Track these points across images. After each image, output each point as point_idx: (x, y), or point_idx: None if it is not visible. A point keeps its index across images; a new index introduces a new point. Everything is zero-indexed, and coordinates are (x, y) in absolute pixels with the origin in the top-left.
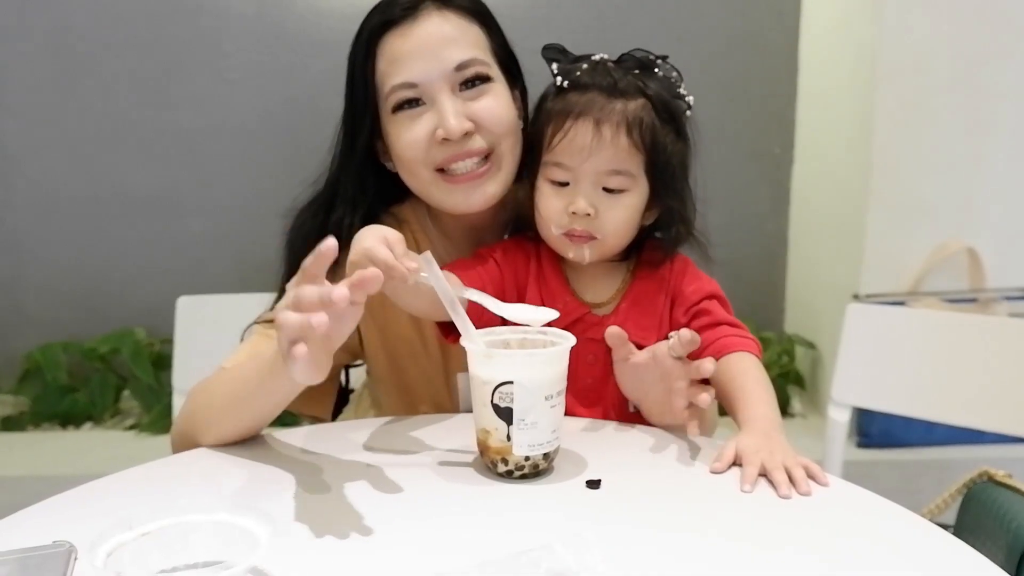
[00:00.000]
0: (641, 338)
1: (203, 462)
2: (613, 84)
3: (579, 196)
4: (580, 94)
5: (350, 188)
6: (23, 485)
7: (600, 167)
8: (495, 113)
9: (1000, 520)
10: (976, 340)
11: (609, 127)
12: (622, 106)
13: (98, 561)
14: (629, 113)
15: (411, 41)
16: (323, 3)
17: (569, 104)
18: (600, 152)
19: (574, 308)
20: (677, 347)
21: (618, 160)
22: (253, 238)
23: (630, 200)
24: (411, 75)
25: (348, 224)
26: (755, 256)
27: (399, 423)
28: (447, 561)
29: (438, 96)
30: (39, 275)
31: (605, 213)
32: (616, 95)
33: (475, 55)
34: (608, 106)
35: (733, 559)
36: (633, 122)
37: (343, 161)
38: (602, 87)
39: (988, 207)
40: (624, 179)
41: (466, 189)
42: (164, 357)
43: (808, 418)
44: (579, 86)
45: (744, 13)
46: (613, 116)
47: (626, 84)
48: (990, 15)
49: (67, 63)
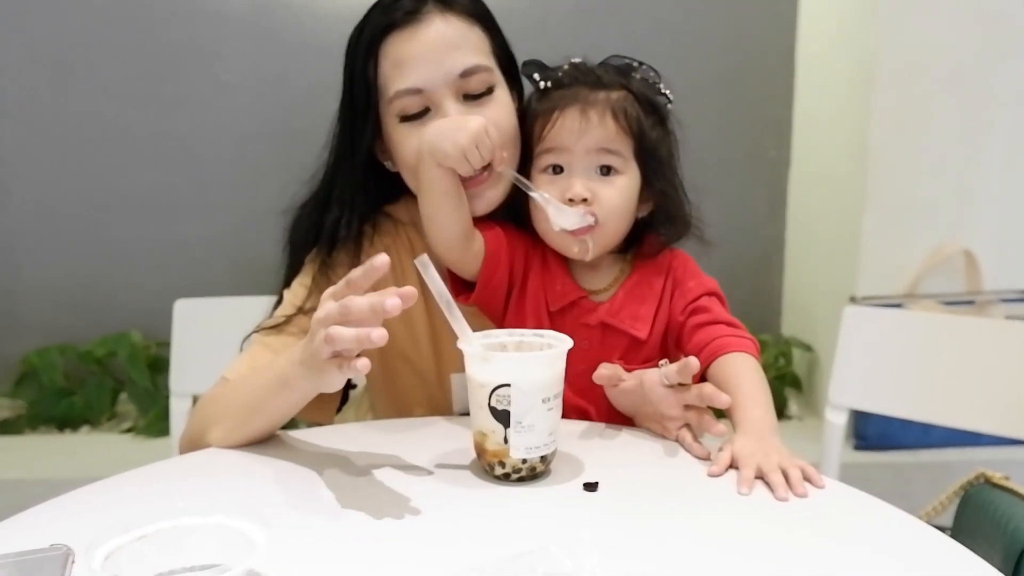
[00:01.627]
0: (634, 328)
1: (200, 465)
2: (597, 79)
3: (575, 180)
4: (565, 90)
5: (348, 189)
6: (20, 488)
7: (591, 145)
8: (500, 122)
9: (997, 522)
10: (973, 342)
11: (596, 111)
12: (605, 95)
13: (95, 564)
14: (613, 101)
15: (415, 45)
16: (319, 6)
17: (554, 100)
18: (589, 132)
19: (571, 291)
20: (672, 375)
21: (607, 139)
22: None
23: (624, 182)
24: (416, 80)
25: (345, 223)
26: (752, 259)
27: (396, 425)
28: (444, 564)
29: (443, 102)
30: (36, 278)
31: (601, 194)
32: (599, 87)
33: (479, 61)
34: (592, 95)
35: (730, 561)
36: (618, 109)
37: (341, 161)
38: (585, 81)
39: (984, 209)
40: (616, 158)
41: (469, 196)
42: (161, 360)
43: (805, 420)
44: (561, 84)
45: (741, 16)
46: (598, 103)
47: (608, 79)
48: (986, 18)
49: (63, 66)
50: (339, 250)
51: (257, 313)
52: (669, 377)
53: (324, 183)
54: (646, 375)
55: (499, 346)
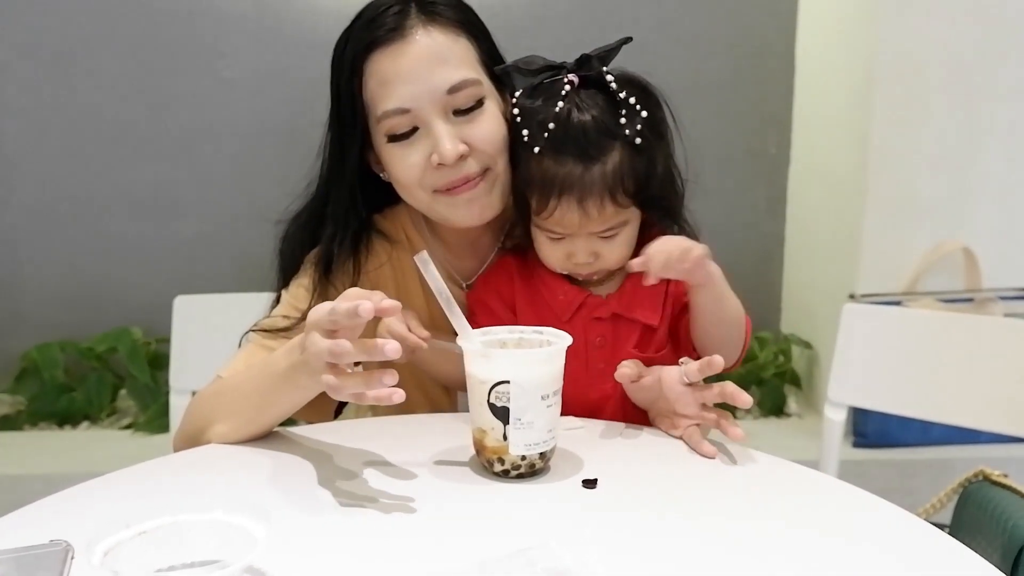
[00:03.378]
0: (645, 316)
1: (200, 461)
2: (584, 147)
3: (577, 250)
4: (556, 163)
5: (341, 205)
6: (20, 484)
7: (592, 230)
8: (488, 136)
9: (996, 520)
10: (972, 340)
11: (593, 202)
12: (600, 171)
13: (95, 560)
14: (608, 177)
15: (400, 63)
16: (320, 4)
17: (548, 176)
18: (588, 224)
19: (574, 296)
20: (693, 373)
21: (607, 221)
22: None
23: (627, 235)
24: (402, 101)
25: (339, 241)
26: (751, 256)
27: (395, 423)
28: (444, 560)
29: (431, 120)
30: (36, 274)
31: (605, 254)
32: (590, 160)
33: (466, 75)
34: (587, 176)
35: (729, 558)
36: (615, 185)
37: (333, 177)
38: (575, 152)
39: (984, 207)
40: (618, 228)
41: (467, 201)
42: (161, 356)
43: (804, 418)
44: (553, 150)
45: (741, 13)
46: (594, 188)
47: (596, 136)
48: (986, 16)
49: (64, 64)
50: (338, 265)
51: (257, 309)
52: (690, 375)
53: (317, 198)
54: (665, 371)
55: (499, 343)
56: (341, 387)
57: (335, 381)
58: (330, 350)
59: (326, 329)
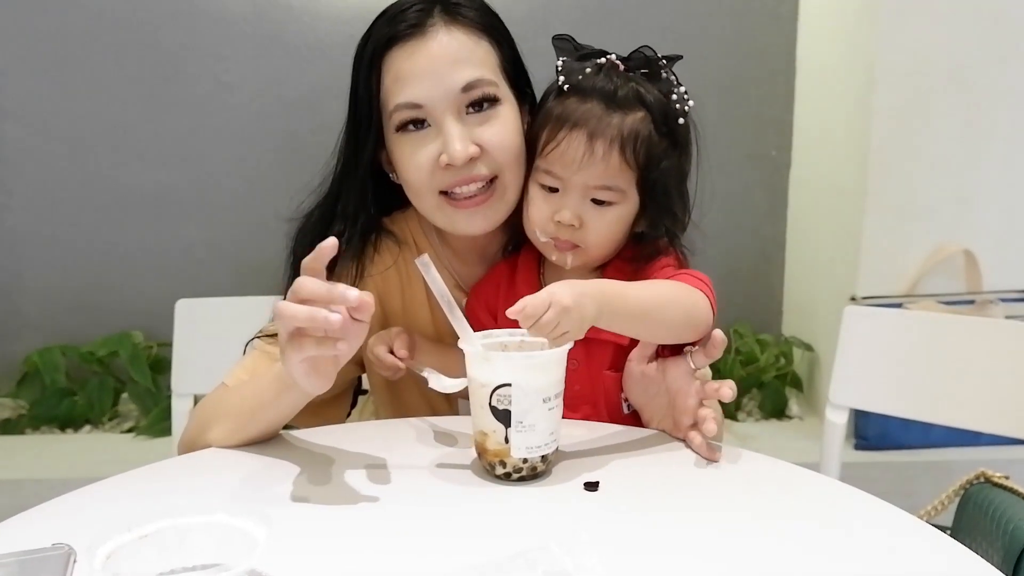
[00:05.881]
0: (615, 336)
1: (201, 464)
2: (612, 93)
3: (565, 206)
4: (579, 101)
5: (351, 202)
6: (22, 488)
7: (589, 181)
8: (502, 140)
9: (997, 522)
10: (973, 342)
11: (602, 143)
12: (619, 120)
13: (97, 563)
14: (625, 128)
15: (417, 60)
16: (321, 7)
17: (567, 111)
18: (590, 167)
19: None
20: (700, 358)
21: (608, 176)
22: (251, 241)
23: (617, 212)
24: (416, 95)
25: (347, 239)
26: (752, 258)
27: (397, 425)
28: (445, 563)
29: (443, 119)
30: (38, 278)
31: (590, 223)
32: (614, 107)
33: (482, 75)
34: (605, 119)
35: (730, 560)
36: (628, 138)
37: (345, 174)
38: (602, 95)
39: (985, 209)
40: (613, 194)
41: (469, 214)
42: (162, 360)
43: (805, 420)
44: (580, 91)
45: (741, 16)
46: (608, 131)
47: (626, 93)
48: (986, 18)
49: (65, 66)
50: (341, 265)
51: (258, 314)
52: (696, 360)
53: (330, 195)
54: (669, 362)
55: (500, 345)
56: (302, 345)
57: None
58: (293, 315)
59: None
